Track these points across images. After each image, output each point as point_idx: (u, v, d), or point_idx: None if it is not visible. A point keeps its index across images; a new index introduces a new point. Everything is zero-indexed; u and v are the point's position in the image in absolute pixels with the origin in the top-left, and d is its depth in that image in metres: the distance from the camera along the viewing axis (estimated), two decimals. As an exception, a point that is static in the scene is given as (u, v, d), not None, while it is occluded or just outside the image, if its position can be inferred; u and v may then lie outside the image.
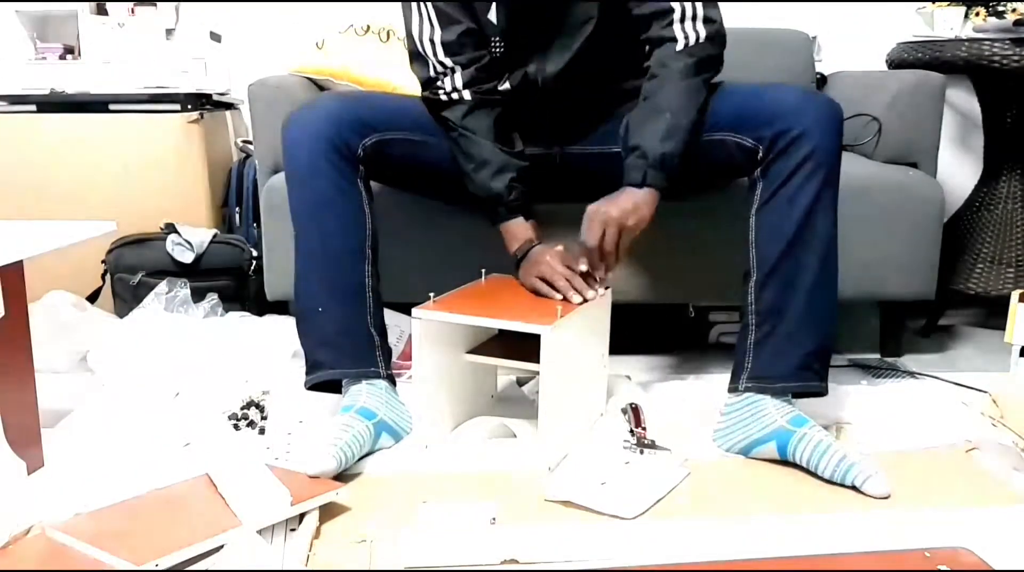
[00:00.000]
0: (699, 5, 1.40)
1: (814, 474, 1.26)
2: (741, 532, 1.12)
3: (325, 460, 1.22)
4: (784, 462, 1.30)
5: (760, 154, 1.36)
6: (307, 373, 1.43)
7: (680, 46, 1.40)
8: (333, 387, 1.44)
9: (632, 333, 1.87)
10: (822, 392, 1.37)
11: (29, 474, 1.23)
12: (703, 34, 1.40)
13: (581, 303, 1.38)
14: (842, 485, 1.23)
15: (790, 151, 1.33)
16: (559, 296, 1.39)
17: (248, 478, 1.16)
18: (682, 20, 1.40)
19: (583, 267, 1.39)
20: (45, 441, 1.39)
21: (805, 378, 1.35)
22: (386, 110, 1.50)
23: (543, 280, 1.41)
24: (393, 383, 1.45)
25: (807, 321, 1.34)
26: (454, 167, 1.51)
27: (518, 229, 1.49)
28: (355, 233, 1.42)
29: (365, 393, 1.39)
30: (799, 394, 1.36)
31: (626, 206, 1.36)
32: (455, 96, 1.49)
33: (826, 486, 1.24)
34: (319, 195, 1.40)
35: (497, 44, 1.50)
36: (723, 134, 1.40)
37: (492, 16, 1.47)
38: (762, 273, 1.36)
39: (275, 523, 1.10)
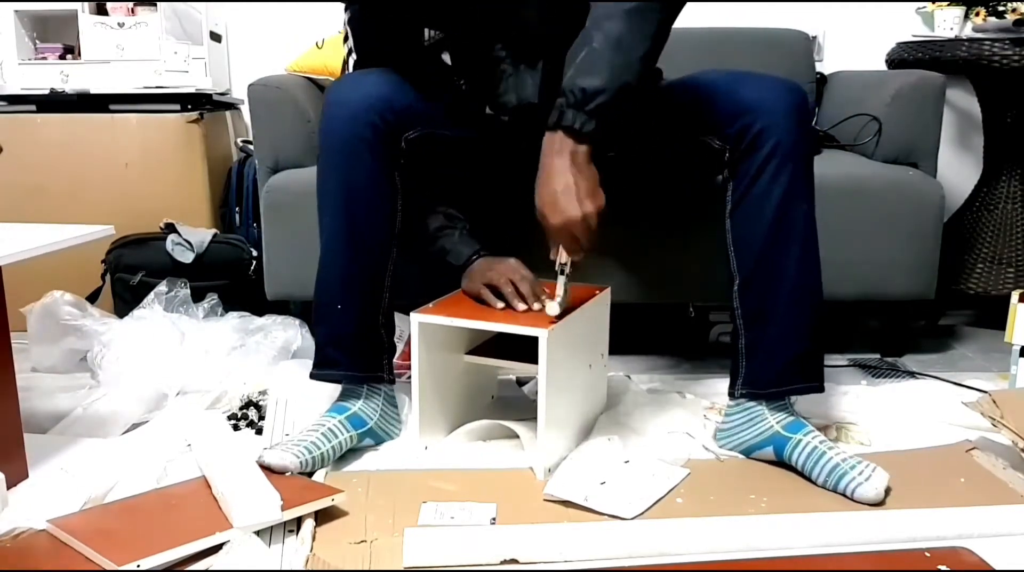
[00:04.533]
0: None
1: (810, 479, 1.26)
2: (741, 532, 1.11)
3: (286, 457, 1.24)
4: (783, 463, 1.30)
5: (727, 155, 1.31)
6: (315, 365, 1.41)
7: None
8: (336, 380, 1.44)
9: (632, 333, 1.87)
10: (818, 390, 1.35)
11: (9, 488, 1.18)
12: None
13: (526, 311, 1.32)
14: (835, 492, 1.22)
15: (754, 148, 1.27)
16: (500, 305, 1.34)
17: (242, 480, 1.16)
18: None
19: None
20: (45, 442, 1.39)
21: (797, 381, 1.33)
22: (435, 102, 1.39)
23: (490, 286, 1.36)
24: (393, 383, 1.44)
25: (793, 323, 1.30)
26: (492, 174, 1.49)
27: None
28: (384, 229, 1.36)
29: (363, 400, 1.39)
30: (796, 392, 1.36)
31: (550, 199, 1.18)
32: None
33: (826, 486, 1.25)
34: (355, 183, 1.32)
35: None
36: (686, 135, 1.36)
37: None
38: (743, 277, 1.32)
39: (273, 525, 1.10)
